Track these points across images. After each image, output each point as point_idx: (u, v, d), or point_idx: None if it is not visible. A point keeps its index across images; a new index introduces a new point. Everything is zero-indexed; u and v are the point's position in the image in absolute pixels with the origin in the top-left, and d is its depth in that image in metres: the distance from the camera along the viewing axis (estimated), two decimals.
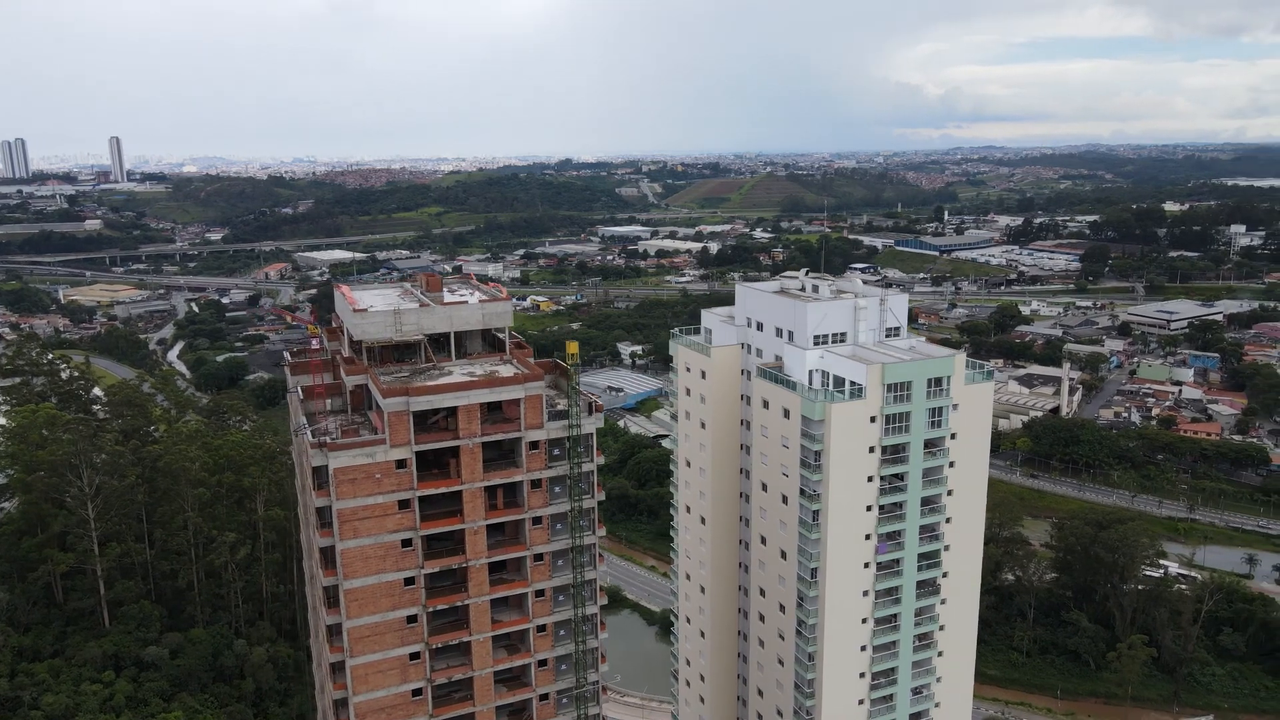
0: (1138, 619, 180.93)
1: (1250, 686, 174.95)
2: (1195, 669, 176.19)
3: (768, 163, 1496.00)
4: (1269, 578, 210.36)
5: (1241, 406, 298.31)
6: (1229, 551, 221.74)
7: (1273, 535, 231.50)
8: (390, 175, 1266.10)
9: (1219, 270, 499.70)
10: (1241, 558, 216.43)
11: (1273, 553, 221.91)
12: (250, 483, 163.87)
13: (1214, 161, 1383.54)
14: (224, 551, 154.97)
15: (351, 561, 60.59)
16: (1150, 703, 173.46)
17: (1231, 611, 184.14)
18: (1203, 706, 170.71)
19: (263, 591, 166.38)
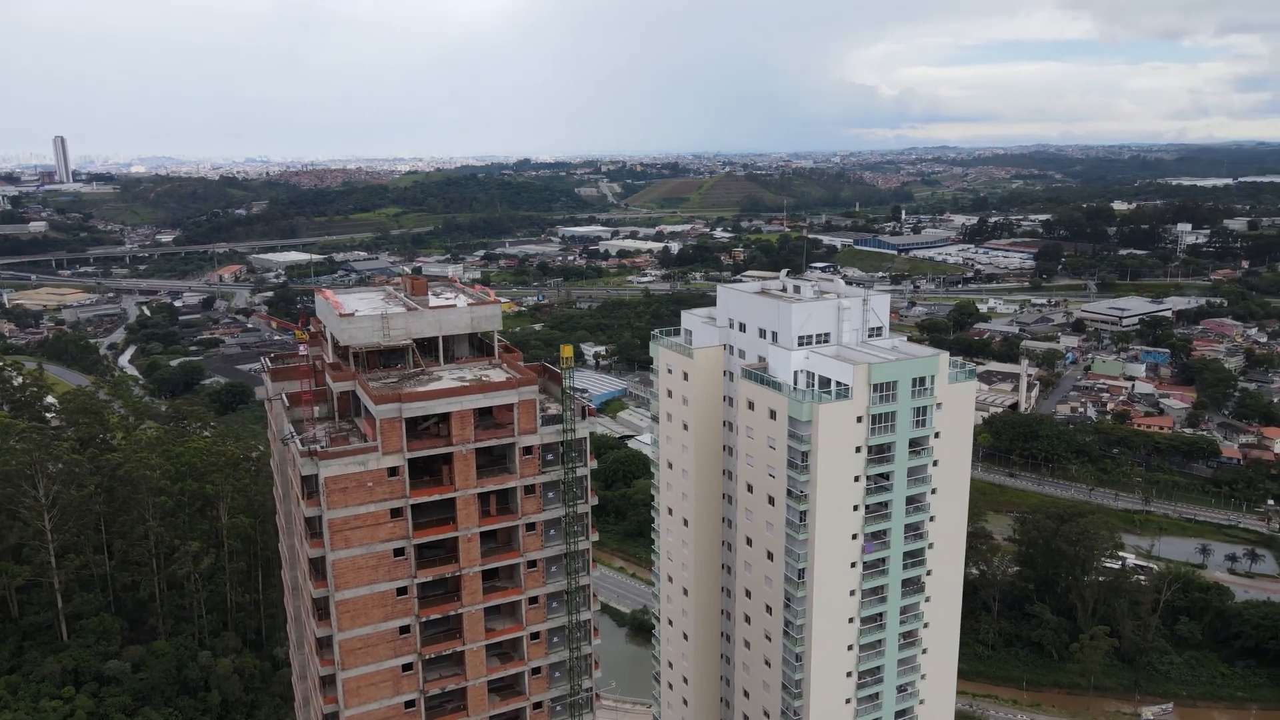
0: (1099, 610, 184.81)
1: (1207, 674, 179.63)
2: (1154, 658, 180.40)
3: (726, 163, 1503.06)
4: (1221, 567, 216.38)
5: (1191, 400, 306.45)
6: (1183, 542, 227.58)
7: (1224, 526, 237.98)
8: (346, 175, 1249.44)
9: (1167, 268, 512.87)
10: (1195, 548, 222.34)
11: (1224, 543, 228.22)
12: (214, 490, 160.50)
13: (1158, 162, 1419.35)
14: (187, 561, 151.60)
15: (343, 572, 59.40)
16: (1112, 692, 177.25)
17: (1188, 601, 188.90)
18: (1162, 694, 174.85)
19: (227, 601, 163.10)
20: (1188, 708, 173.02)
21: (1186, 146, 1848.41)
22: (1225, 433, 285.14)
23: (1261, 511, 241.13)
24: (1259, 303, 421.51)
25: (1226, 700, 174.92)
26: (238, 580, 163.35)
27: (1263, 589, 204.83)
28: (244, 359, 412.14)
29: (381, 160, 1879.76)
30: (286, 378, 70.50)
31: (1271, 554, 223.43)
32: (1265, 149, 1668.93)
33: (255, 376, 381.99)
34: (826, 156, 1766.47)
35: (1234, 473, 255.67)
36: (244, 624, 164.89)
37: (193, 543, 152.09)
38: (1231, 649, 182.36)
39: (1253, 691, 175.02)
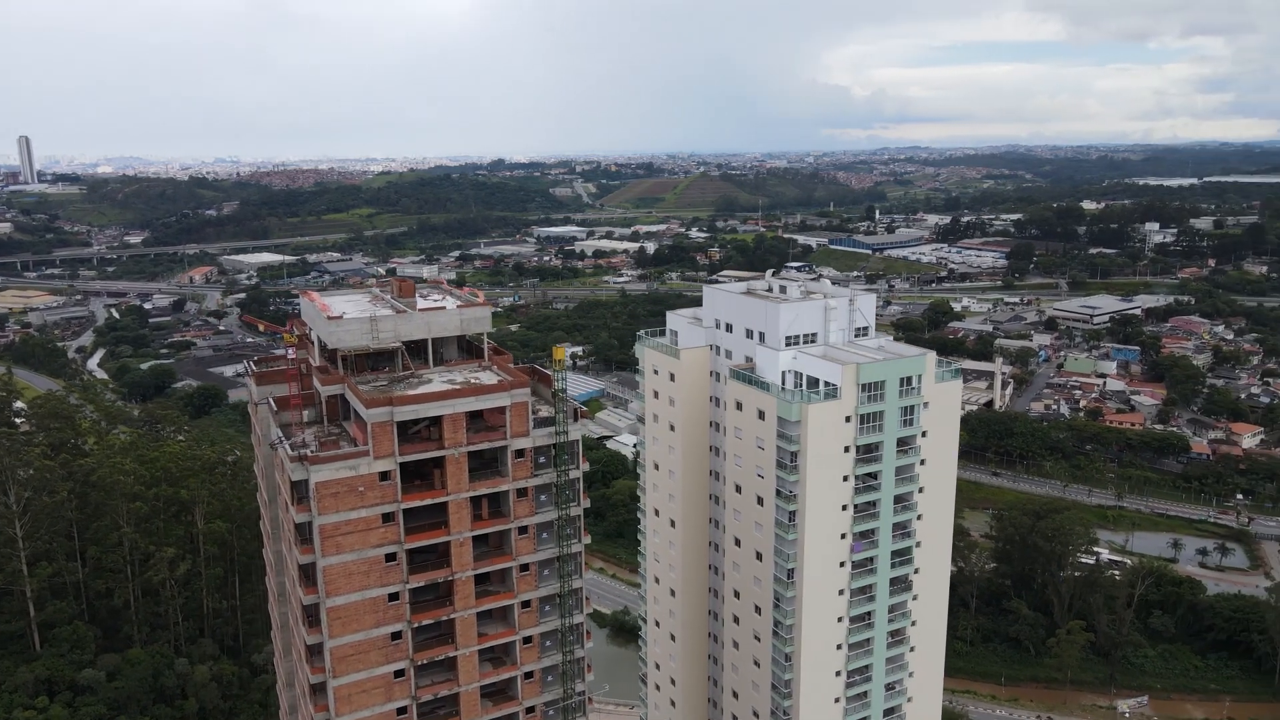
0: (1074, 605, 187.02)
1: (1181, 666, 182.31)
2: (1129, 651, 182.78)
3: (701, 163, 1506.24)
4: (1192, 561, 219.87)
5: (1162, 397, 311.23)
6: (1155, 537, 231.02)
7: (1194, 521, 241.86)
8: (318, 176, 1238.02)
9: (1136, 266, 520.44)
10: (1167, 542, 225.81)
11: (1195, 537, 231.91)
12: (189, 495, 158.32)
13: (1125, 162, 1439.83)
14: (162, 568, 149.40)
15: (334, 578, 58.53)
16: (1088, 685, 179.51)
17: (1161, 595, 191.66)
18: (1137, 687, 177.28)
19: (204, 607, 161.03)
20: (1162, 700, 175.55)
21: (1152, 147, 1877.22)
22: (1195, 429, 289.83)
23: (1231, 506, 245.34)
24: (1225, 301, 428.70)
25: (1200, 692, 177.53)
26: (214, 586, 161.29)
27: (1233, 582, 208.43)
28: (216, 361, 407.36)
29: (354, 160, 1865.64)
30: (272, 381, 69.47)
31: (1241, 548, 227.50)
32: (1228, 149, 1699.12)
33: (229, 379, 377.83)
34: (800, 156, 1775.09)
35: (1204, 468, 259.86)
36: (221, 630, 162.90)
37: (168, 549, 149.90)
38: (1204, 641, 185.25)
39: (1225, 684, 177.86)
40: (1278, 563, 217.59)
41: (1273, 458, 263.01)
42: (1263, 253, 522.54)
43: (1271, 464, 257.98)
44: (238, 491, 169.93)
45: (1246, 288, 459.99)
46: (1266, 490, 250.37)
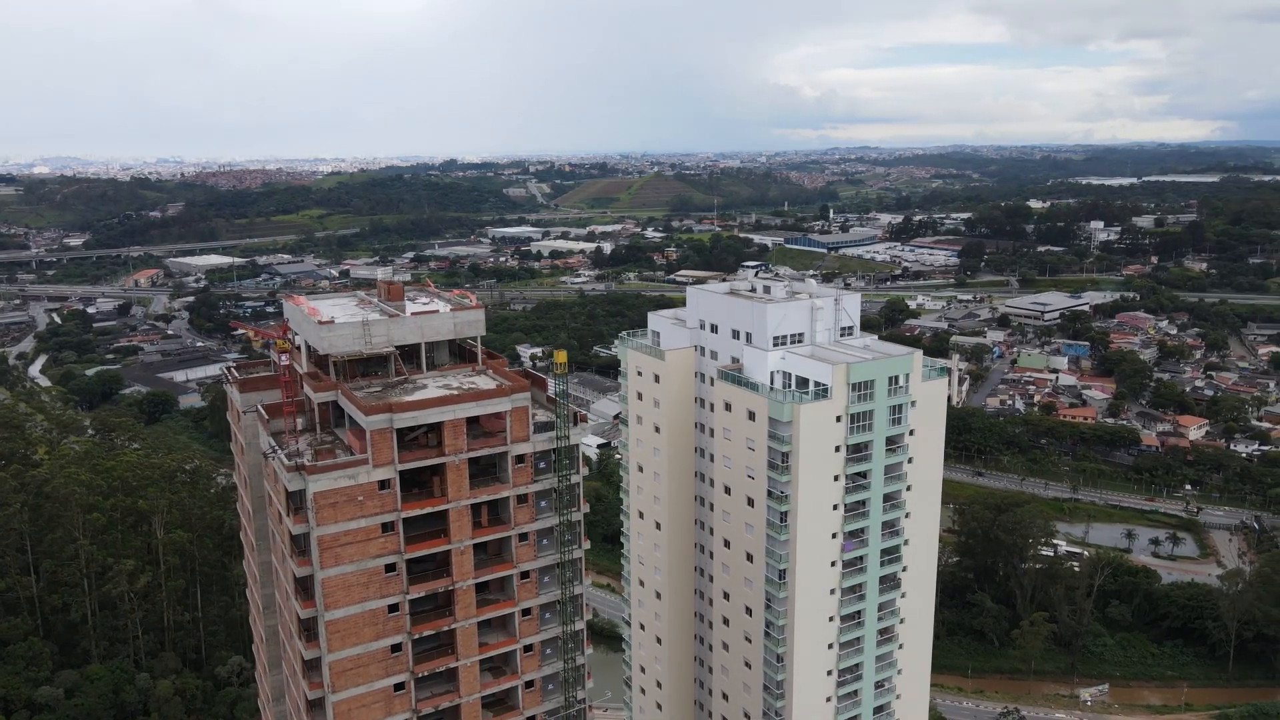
0: (1036, 596, 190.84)
1: (1138, 654, 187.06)
2: (1089, 640, 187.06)
3: (654, 162, 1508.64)
4: (1145, 551, 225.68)
5: (1112, 391, 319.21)
6: (1109, 528, 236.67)
7: (1146, 511, 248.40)
8: (266, 176, 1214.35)
9: (1082, 264, 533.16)
10: (1121, 533, 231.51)
11: (1147, 527, 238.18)
12: (148, 505, 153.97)
13: (1068, 162, 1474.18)
14: (121, 580, 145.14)
15: (333, 591, 56.99)
16: (1050, 675, 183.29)
17: (1118, 585, 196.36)
18: (1097, 676, 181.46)
19: (165, 620, 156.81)
20: (1121, 687, 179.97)
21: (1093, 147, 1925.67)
22: (1144, 422, 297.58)
23: (1180, 496, 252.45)
24: (1168, 296, 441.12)
25: (1157, 679, 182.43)
26: (176, 598, 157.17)
27: (1185, 570, 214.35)
28: (165, 367, 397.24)
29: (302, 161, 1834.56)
30: (256, 388, 67.36)
31: (1191, 537, 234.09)
32: (1165, 150, 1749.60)
33: (180, 385, 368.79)
34: (752, 156, 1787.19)
35: (1154, 460, 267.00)
36: (183, 643, 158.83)
37: (127, 561, 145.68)
38: (1160, 629, 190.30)
39: (1181, 670, 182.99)
40: (1227, 551, 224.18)
41: (1218, 449, 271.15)
42: (1201, 250, 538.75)
43: (1218, 455, 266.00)
44: (198, 500, 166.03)
45: (1187, 284, 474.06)
46: (1213, 481, 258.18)
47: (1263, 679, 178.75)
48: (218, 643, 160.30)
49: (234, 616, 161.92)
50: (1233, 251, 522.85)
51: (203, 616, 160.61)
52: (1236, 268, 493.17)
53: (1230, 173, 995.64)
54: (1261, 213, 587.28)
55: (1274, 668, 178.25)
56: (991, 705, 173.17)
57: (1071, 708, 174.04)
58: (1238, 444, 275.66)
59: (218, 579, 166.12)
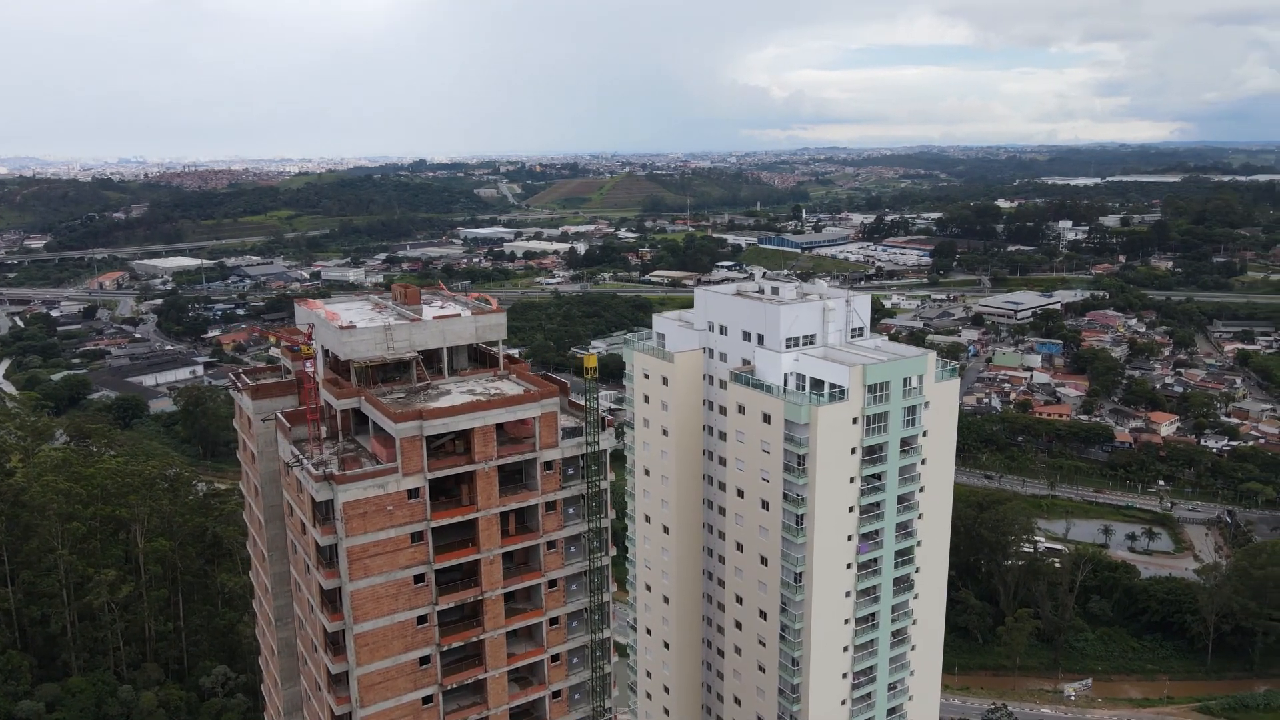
0: (1019, 593, 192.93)
1: (1119, 649, 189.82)
2: (1071, 636, 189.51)
3: (625, 163, 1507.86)
4: (1122, 546, 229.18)
5: (1085, 388, 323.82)
6: (1086, 524, 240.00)
7: (1121, 507, 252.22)
8: (232, 177, 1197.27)
9: (1052, 263, 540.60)
10: (1098, 529, 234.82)
11: (1123, 523, 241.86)
12: (129, 513, 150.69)
13: (1033, 162, 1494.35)
14: (102, 590, 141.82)
15: (362, 603, 55.61)
16: (1034, 671, 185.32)
17: (1098, 580, 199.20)
18: (1080, 671, 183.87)
19: (147, 631, 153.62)
20: (1103, 682, 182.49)
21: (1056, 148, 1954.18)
22: (1117, 419, 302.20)
23: (1154, 492, 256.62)
24: (1136, 295, 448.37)
25: (1138, 673, 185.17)
26: (157, 608, 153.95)
27: (1161, 565, 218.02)
28: (134, 371, 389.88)
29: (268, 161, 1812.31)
30: (269, 395, 65.76)
31: (1166, 532, 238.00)
32: (1126, 150, 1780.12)
33: (149, 389, 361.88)
34: (723, 156, 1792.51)
35: (1127, 456, 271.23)
36: (165, 654, 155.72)
37: (108, 570, 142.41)
38: (1140, 624, 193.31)
39: (1161, 663, 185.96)
40: (1203, 546, 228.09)
41: (1190, 445, 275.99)
42: (1167, 249, 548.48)
43: (1189, 451, 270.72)
44: (179, 508, 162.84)
45: (1154, 282, 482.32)
46: (1185, 476, 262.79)
47: (1241, 671, 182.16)
48: (201, 653, 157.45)
49: (217, 626, 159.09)
50: (1197, 250, 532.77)
51: (185, 626, 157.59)
52: (1201, 266, 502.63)
53: (1190, 173, 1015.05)
54: (1223, 212, 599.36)
55: (1252, 660, 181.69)
56: (978, 702, 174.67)
57: (1056, 703, 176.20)
58: (1208, 440, 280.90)
59: (200, 588, 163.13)
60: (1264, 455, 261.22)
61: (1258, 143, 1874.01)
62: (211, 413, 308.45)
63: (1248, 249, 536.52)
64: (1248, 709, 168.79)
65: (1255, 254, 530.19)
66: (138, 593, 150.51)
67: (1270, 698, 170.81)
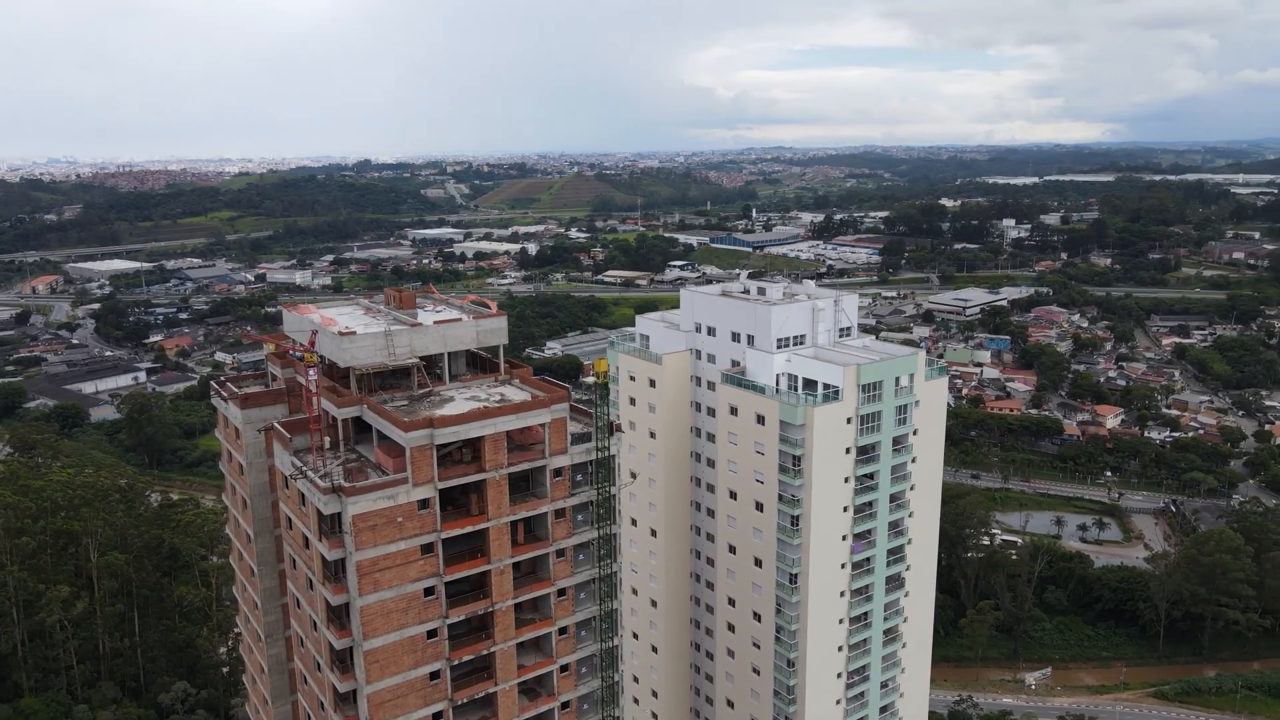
0: (979, 586, 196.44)
1: (1075, 637, 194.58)
2: (1029, 626, 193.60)
3: (573, 163, 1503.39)
4: (1074, 536, 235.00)
5: (1033, 383, 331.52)
6: (1039, 515, 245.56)
7: (1071, 498, 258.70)
8: (170, 177, 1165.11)
9: (997, 260, 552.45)
10: (1051, 520, 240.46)
11: (1074, 513, 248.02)
12: (81, 526, 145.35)
13: (974, 162, 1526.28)
14: (55, 608, 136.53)
15: (372, 618, 53.78)
16: (995, 662, 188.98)
17: (1053, 571, 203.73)
18: (1039, 660, 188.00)
19: (101, 648, 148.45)
20: (1061, 670, 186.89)
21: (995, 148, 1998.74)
22: (1065, 412, 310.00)
23: (1102, 483, 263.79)
24: (1078, 291, 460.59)
25: (1094, 660, 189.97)
26: (113, 624, 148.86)
27: (1112, 554, 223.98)
28: (72, 378, 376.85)
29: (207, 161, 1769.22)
30: (260, 404, 63.40)
31: (1115, 522, 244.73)
32: (1061, 150, 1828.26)
33: (90, 397, 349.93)
34: (670, 156, 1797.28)
35: (1076, 449, 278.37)
36: (121, 671, 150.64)
37: (61, 587, 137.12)
38: (1094, 612, 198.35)
39: (1115, 650, 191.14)
40: (1153, 534, 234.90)
41: (1134, 436, 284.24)
42: (1105, 246, 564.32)
43: (1134, 442, 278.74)
44: (134, 520, 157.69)
45: (1095, 279, 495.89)
46: (1131, 467, 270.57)
47: (1191, 655, 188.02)
48: (158, 669, 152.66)
49: (176, 640, 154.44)
50: (1134, 247, 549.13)
51: (142, 642, 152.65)
52: (1138, 263, 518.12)
53: (1123, 173, 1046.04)
54: (1157, 211, 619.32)
55: (1201, 645, 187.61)
56: (943, 694, 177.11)
57: (1017, 692, 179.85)
58: (1151, 431, 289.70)
59: (156, 602, 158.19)
60: (1204, 446, 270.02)
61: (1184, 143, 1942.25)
62: (158, 420, 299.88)
63: (1181, 246, 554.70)
64: (1200, 693, 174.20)
65: (1188, 251, 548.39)
66: (91, 609, 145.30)
67: (1221, 681, 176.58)
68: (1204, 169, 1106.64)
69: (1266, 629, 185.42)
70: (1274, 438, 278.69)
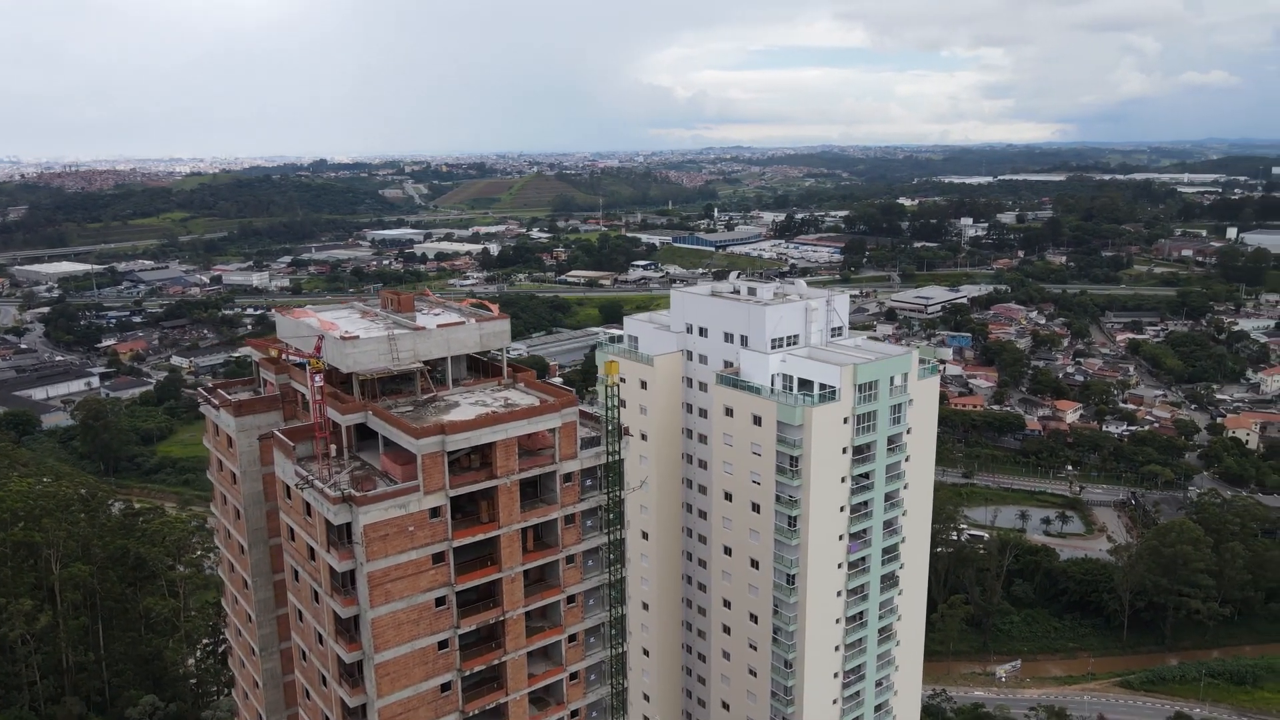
0: (949, 580, 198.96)
1: (1042, 629, 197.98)
2: (998, 619, 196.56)
3: (533, 162, 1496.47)
4: (1038, 530, 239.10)
5: (995, 379, 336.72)
6: (1004, 509, 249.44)
7: (1034, 492, 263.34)
8: (119, 177, 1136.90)
9: (956, 258, 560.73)
10: (1015, 514, 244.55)
11: (1037, 507, 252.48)
12: (43, 538, 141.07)
13: (929, 161, 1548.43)
14: (18, 622, 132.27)
15: (383, 631, 52.40)
16: (966, 655, 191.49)
17: (1020, 564, 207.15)
18: (1009, 652, 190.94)
19: (65, 662, 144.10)
20: (1030, 661, 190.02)
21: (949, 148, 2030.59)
22: (1026, 408, 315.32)
23: (1064, 477, 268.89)
24: (1035, 288, 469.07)
25: (1061, 652, 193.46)
26: (77, 637, 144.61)
27: (1076, 546, 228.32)
28: (21, 384, 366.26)
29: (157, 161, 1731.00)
30: (254, 411, 61.56)
31: (1077, 515, 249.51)
32: (1014, 150, 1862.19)
33: (40, 403, 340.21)
34: (630, 156, 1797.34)
35: (1038, 443, 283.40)
36: (86, 686, 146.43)
37: (24, 600, 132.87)
38: (1060, 604, 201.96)
39: (1081, 641, 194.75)
40: (1116, 527, 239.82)
41: (1094, 431, 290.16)
42: (1060, 244, 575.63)
43: (1094, 436, 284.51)
44: (97, 530, 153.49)
45: (1051, 276, 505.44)
46: (1091, 460, 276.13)
47: (1154, 645, 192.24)
48: (125, 682, 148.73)
49: (142, 653, 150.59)
50: (1087, 245, 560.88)
51: (107, 655, 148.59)
52: (1092, 260, 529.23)
53: (1074, 172, 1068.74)
54: (1109, 209, 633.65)
55: (1163, 634, 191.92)
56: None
57: (989, 685, 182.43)
58: (1109, 425, 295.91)
59: (121, 613, 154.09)
60: (1160, 439, 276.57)
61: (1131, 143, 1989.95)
62: (114, 427, 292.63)
63: (1132, 244, 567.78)
64: (1165, 681, 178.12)
65: (1139, 248, 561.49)
66: (55, 622, 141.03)
67: (1184, 670, 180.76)
68: (1150, 169, 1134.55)
69: (1226, 617, 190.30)
70: (1226, 430, 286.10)
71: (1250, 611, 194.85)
